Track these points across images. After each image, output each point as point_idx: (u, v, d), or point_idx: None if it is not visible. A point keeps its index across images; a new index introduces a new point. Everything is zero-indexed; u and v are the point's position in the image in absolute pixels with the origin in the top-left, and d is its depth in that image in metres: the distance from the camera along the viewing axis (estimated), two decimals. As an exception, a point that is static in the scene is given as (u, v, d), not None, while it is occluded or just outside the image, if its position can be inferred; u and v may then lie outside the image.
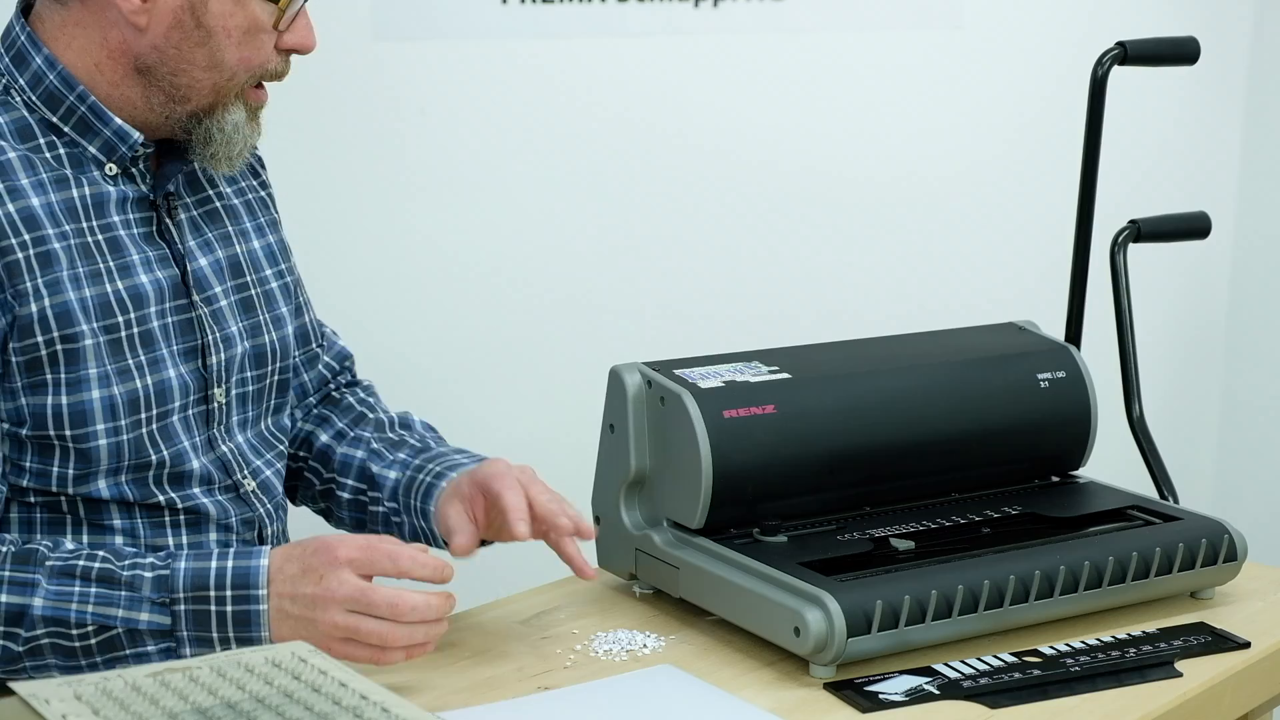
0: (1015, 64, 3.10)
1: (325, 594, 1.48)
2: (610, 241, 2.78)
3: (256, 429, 1.75)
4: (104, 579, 1.52)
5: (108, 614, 1.51)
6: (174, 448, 1.64)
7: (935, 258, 3.08)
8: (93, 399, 1.57)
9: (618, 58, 2.72)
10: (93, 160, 1.62)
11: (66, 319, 1.56)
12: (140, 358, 1.61)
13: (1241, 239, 3.45)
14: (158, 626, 1.52)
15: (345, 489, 1.84)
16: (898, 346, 1.84)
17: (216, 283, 1.69)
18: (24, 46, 1.61)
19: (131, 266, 1.61)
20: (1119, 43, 2.18)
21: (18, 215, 1.54)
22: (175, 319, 1.64)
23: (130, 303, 1.60)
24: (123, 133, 1.61)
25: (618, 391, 1.71)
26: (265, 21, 1.61)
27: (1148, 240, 2.23)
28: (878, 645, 1.54)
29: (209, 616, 1.51)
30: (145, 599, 1.51)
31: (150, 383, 1.61)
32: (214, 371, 1.67)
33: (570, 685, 1.53)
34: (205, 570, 1.52)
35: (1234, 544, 1.72)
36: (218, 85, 1.62)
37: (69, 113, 1.60)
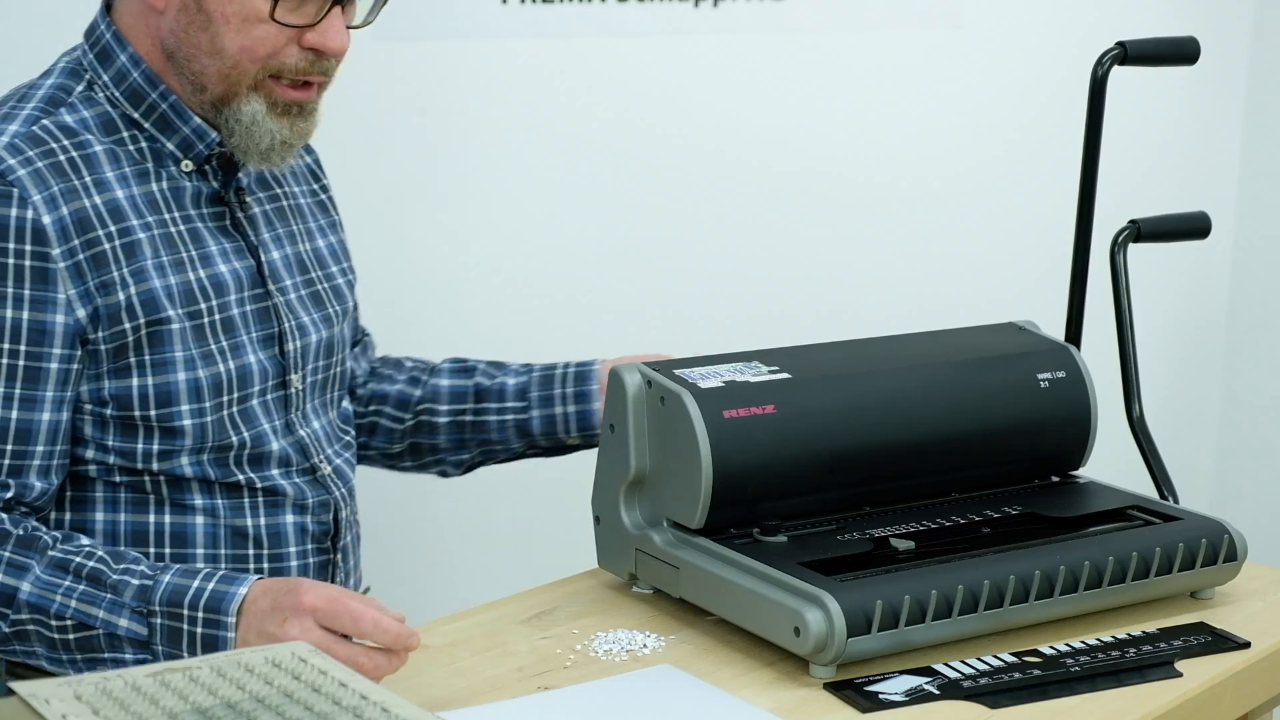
0: (1015, 64, 3.10)
1: (285, 638, 1.46)
2: (610, 241, 2.78)
3: (328, 417, 1.82)
4: (93, 578, 1.54)
5: (89, 612, 1.53)
6: (254, 429, 1.71)
7: (935, 258, 3.08)
8: (178, 380, 1.64)
9: (618, 58, 2.72)
10: (170, 156, 1.68)
11: (153, 305, 1.63)
12: (223, 343, 1.68)
13: (1241, 239, 3.45)
14: (135, 635, 1.53)
15: (440, 414, 1.95)
16: (898, 346, 1.84)
17: (288, 275, 1.77)
18: (109, 44, 1.68)
19: (211, 257, 1.69)
20: (1119, 43, 2.18)
21: (104, 207, 1.61)
22: (253, 307, 1.72)
23: (212, 290, 1.67)
24: (201, 131, 1.68)
25: (618, 391, 1.71)
26: (261, 10, 1.63)
27: (1148, 240, 2.23)
28: (878, 645, 1.54)
29: (181, 634, 1.52)
30: (126, 605, 1.53)
31: (232, 367, 1.68)
32: (290, 358, 1.75)
33: (570, 685, 1.53)
34: (185, 588, 1.52)
35: (1234, 544, 1.72)
36: (223, 73, 1.65)
37: (150, 109, 1.67)
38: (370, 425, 1.99)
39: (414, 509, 2.69)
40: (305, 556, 1.75)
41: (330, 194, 1.92)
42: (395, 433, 1.99)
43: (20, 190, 1.57)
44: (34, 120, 1.62)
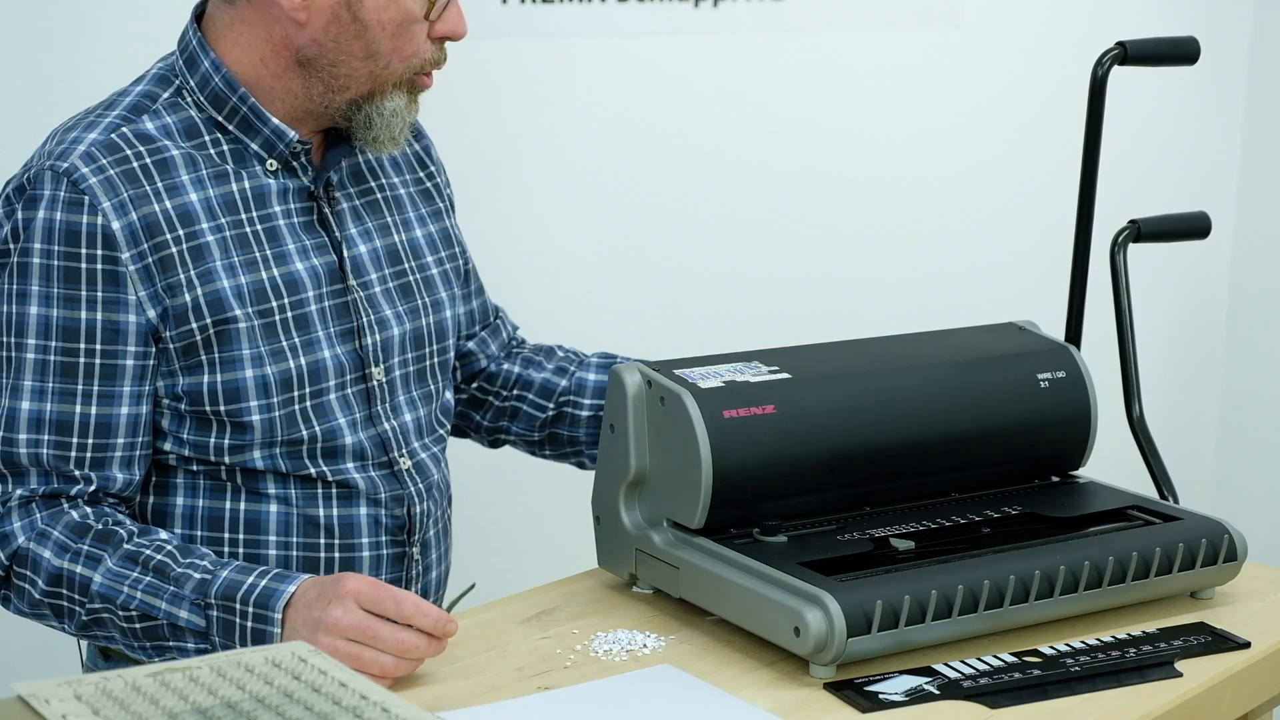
0: (1015, 64, 3.10)
1: (329, 620, 1.53)
2: (610, 241, 2.78)
3: (427, 409, 1.85)
4: (159, 570, 1.62)
5: (153, 604, 1.61)
6: (327, 424, 1.74)
7: (935, 258, 3.08)
8: (246, 378, 1.69)
9: (618, 58, 2.72)
10: (255, 156, 1.73)
11: (219, 305, 1.67)
12: (295, 340, 1.72)
13: (1241, 239, 3.45)
14: (195, 626, 1.61)
15: (584, 408, 1.97)
16: (898, 346, 1.84)
17: (373, 269, 1.80)
18: (195, 50, 1.73)
19: (288, 255, 1.73)
20: (1119, 43, 2.17)
21: (174, 212, 1.67)
22: (331, 303, 1.75)
23: (285, 288, 1.72)
24: (279, 131, 1.73)
25: (618, 391, 1.71)
26: (417, 13, 1.71)
27: (1148, 240, 2.23)
28: (878, 645, 1.54)
29: (234, 627, 1.59)
30: (186, 598, 1.60)
31: (304, 363, 1.72)
32: (369, 352, 1.77)
33: (570, 685, 1.53)
34: (239, 583, 1.60)
35: (1234, 544, 1.72)
36: (374, 74, 1.72)
37: (232, 112, 1.72)
38: (512, 410, 2.01)
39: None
40: (379, 549, 1.78)
41: (439, 182, 1.95)
42: (537, 420, 2.00)
43: (91, 198, 1.64)
44: (114, 129, 1.68)
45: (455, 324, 1.93)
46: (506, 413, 2.02)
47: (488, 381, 2.02)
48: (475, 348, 2.01)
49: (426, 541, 1.84)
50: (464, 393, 2.03)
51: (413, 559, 1.81)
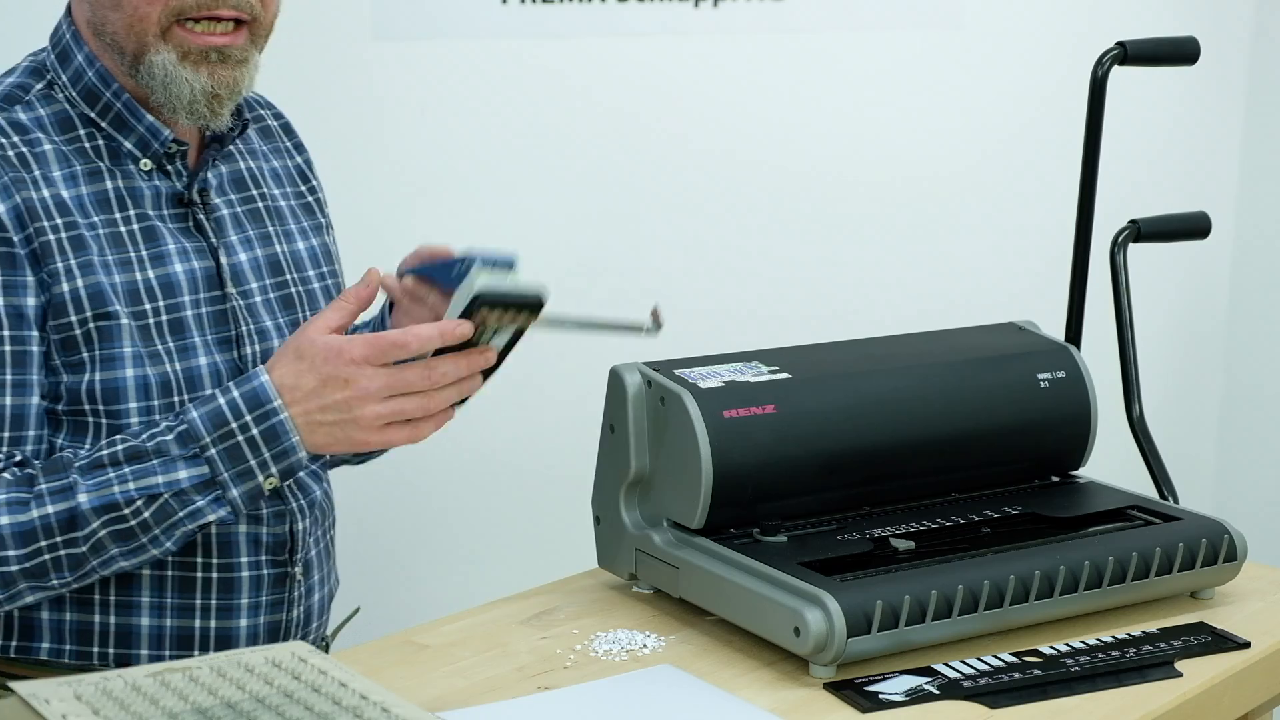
0: (1015, 64, 3.10)
1: (360, 393, 1.50)
2: (610, 241, 2.78)
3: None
4: (132, 456, 1.55)
5: (150, 484, 1.54)
6: None
7: (935, 258, 3.08)
8: (126, 377, 1.62)
9: (618, 58, 2.72)
10: (129, 155, 1.67)
11: (100, 299, 1.61)
12: (170, 344, 1.66)
13: (1241, 239, 3.45)
14: (199, 479, 1.55)
15: None
16: (898, 346, 1.84)
17: (254, 279, 1.74)
18: (68, 44, 1.68)
19: (166, 256, 1.67)
20: (1119, 43, 2.18)
21: (51, 201, 1.60)
22: (209, 310, 1.69)
23: (160, 290, 1.65)
24: (154, 129, 1.67)
25: (618, 391, 1.71)
26: None
27: (1148, 240, 2.23)
28: (878, 645, 1.54)
29: (241, 448, 1.54)
30: (177, 457, 1.55)
31: (180, 368, 1.66)
32: (249, 362, 1.71)
33: (570, 685, 1.53)
34: (218, 408, 1.55)
35: (1234, 544, 1.72)
36: (129, 25, 1.63)
37: (106, 108, 1.66)
38: None
39: (414, 509, 2.69)
40: (259, 568, 1.71)
41: (320, 196, 1.89)
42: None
43: None
44: None
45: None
46: None
47: None
48: None
49: (309, 562, 1.77)
50: None
51: (295, 579, 1.74)
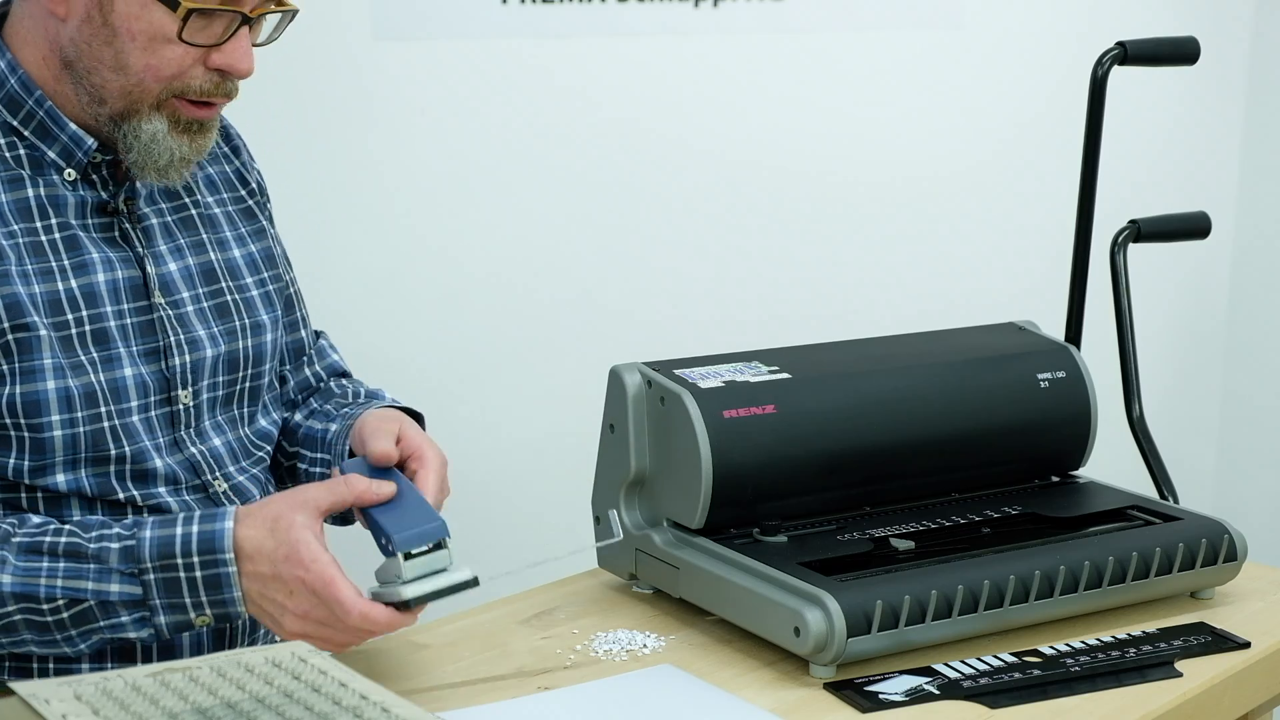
0: (1015, 64, 3.10)
1: (296, 610, 1.49)
2: (610, 241, 2.78)
3: (235, 434, 1.74)
4: (71, 553, 1.52)
5: (78, 587, 1.51)
6: (135, 445, 1.63)
7: (935, 258, 3.08)
8: (47, 389, 1.57)
9: (618, 58, 2.72)
10: (52, 165, 1.62)
11: (17, 310, 1.56)
12: (93, 354, 1.61)
13: (1241, 239, 3.45)
14: (129, 597, 1.52)
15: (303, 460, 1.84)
16: (898, 346, 1.84)
17: (185, 288, 1.69)
18: None
19: (89, 265, 1.62)
20: (1119, 43, 2.18)
21: None
22: (135, 320, 1.64)
23: (83, 300, 1.61)
24: (77, 138, 1.62)
25: (618, 391, 1.71)
26: (169, 30, 1.56)
27: (1148, 240, 2.23)
28: (878, 645, 1.54)
29: (179, 584, 1.51)
30: (114, 570, 1.51)
31: (104, 379, 1.61)
32: (176, 373, 1.67)
33: (570, 685, 1.53)
34: (171, 538, 1.51)
35: (1234, 544, 1.72)
36: (126, 89, 1.59)
37: (29, 117, 1.61)
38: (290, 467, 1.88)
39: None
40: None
41: (260, 198, 1.83)
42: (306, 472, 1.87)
43: None
44: None
45: (276, 348, 1.80)
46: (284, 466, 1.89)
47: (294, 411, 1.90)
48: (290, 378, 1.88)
49: None
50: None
51: None
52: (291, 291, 1.86)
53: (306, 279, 1.91)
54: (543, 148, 2.69)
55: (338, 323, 2.43)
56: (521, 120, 2.67)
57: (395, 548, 1.48)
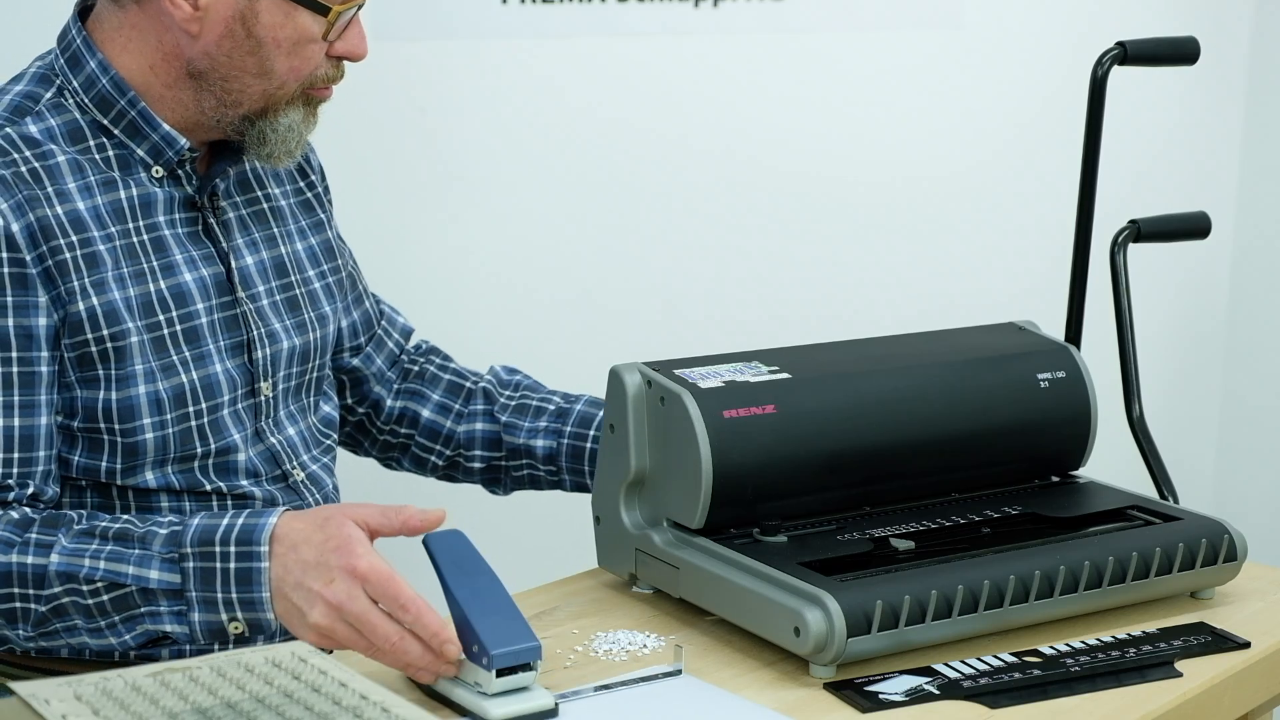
0: (1015, 64, 3.10)
1: (332, 599, 1.44)
2: (610, 241, 2.78)
3: (305, 423, 1.80)
4: (120, 536, 1.53)
5: (119, 570, 1.51)
6: (222, 440, 1.69)
7: (935, 258, 3.08)
8: (139, 394, 1.63)
9: (618, 58, 2.72)
10: (140, 162, 1.67)
11: (114, 317, 1.61)
12: (185, 354, 1.66)
13: (1241, 239, 3.45)
14: (168, 585, 1.51)
15: (475, 460, 1.96)
16: (898, 346, 1.84)
17: (260, 281, 1.75)
18: (79, 50, 1.67)
19: (175, 266, 1.67)
20: (1119, 43, 2.18)
21: (66, 217, 1.60)
22: (220, 315, 1.70)
23: (173, 301, 1.66)
24: (170, 138, 1.67)
25: (618, 391, 1.71)
26: (315, 32, 1.65)
27: (1148, 240, 2.23)
28: (878, 645, 1.54)
29: (214, 574, 1.50)
30: (156, 554, 1.51)
31: (196, 377, 1.67)
32: (259, 366, 1.73)
33: (570, 685, 1.53)
34: (214, 526, 1.51)
35: (1234, 544, 1.72)
36: (268, 92, 1.66)
37: (119, 116, 1.66)
38: (401, 446, 1.99)
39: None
40: None
41: (319, 190, 1.89)
42: (428, 464, 1.99)
43: None
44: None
45: (337, 337, 1.88)
46: (395, 447, 1.99)
47: (374, 411, 1.98)
48: (361, 365, 1.95)
49: None
50: (355, 415, 1.98)
51: None
52: (351, 266, 1.93)
53: (306, 279, 1.91)
54: (543, 147, 2.69)
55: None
56: (521, 120, 2.67)
57: (491, 664, 1.42)
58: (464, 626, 1.45)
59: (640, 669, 1.56)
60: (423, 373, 1.99)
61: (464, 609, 1.45)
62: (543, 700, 1.45)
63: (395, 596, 1.43)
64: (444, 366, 2.00)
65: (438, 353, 2.03)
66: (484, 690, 1.44)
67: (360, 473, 2.17)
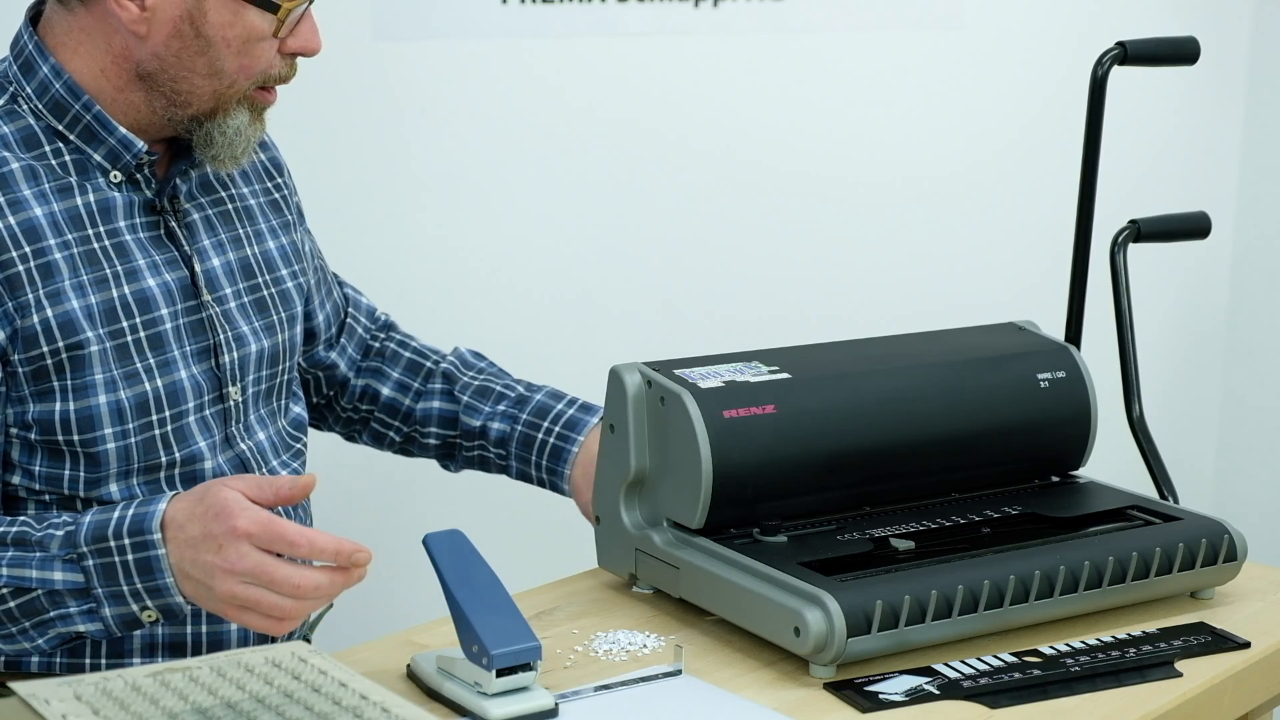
0: (1015, 64, 3.10)
1: (225, 565, 1.45)
2: (610, 241, 2.78)
3: (275, 426, 1.78)
4: (19, 541, 1.52)
5: (23, 575, 1.51)
6: (187, 449, 1.66)
7: (935, 258, 3.08)
8: (99, 404, 1.60)
9: (618, 58, 2.72)
10: (97, 167, 1.64)
11: (70, 328, 1.58)
12: (149, 360, 1.63)
13: (1241, 239, 3.45)
14: (73, 585, 1.51)
15: (430, 437, 1.97)
16: (898, 346, 1.84)
17: (228, 283, 1.72)
18: (31, 55, 1.64)
19: (138, 271, 1.64)
20: (1119, 43, 2.18)
21: (19, 228, 1.57)
22: (186, 320, 1.67)
23: (136, 307, 1.63)
24: (127, 141, 1.64)
25: (618, 391, 1.71)
26: (265, 30, 1.63)
27: (1148, 240, 2.23)
28: (878, 645, 1.54)
29: (115, 568, 1.50)
30: (56, 557, 1.51)
31: (160, 385, 1.64)
32: (227, 370, 1.70)
33: (570, 686, 1.53)
34: (106, 521, 1.51)
35: (1234, 544, 1.72)
36: (218, 92, 1.64)
37: (74, 121, 1.63)
38: (362, 420, 2.00)
39: (412, 510, 2.69)
40: None
41: (286, 191, 1.87)
42: (385, 438, 2.00)
43: None
44: None
45: (313, 330, 1.89)
46: (357, 423, 2.01)
47: (339, 390, 1.99)
48: (336, 358, 1.96)
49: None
50: (321, 395, 1.99)
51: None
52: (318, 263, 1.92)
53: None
54: (543, 147, 2.69)
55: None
56: (521, 120, 2.67)
57: (490, 664, 1.43)
58: (464, 626, 1.45)
59: (640, 669, 1.56)
60: (383, 350, 2.00)
61: (464, 609, 1.45)
62: (543, 700, 1.45)
63: (281, 537, 1.44)
64: (404, 344, 2.01)
65: (396, 329, 2.04)
66: (484, 690, 1.44)
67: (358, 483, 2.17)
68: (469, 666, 1.45)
